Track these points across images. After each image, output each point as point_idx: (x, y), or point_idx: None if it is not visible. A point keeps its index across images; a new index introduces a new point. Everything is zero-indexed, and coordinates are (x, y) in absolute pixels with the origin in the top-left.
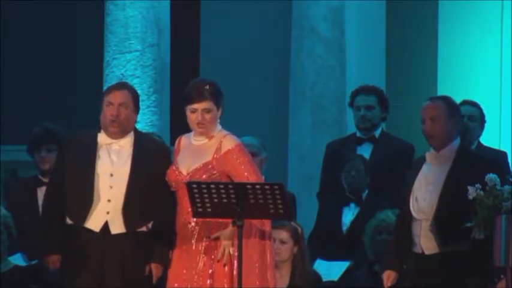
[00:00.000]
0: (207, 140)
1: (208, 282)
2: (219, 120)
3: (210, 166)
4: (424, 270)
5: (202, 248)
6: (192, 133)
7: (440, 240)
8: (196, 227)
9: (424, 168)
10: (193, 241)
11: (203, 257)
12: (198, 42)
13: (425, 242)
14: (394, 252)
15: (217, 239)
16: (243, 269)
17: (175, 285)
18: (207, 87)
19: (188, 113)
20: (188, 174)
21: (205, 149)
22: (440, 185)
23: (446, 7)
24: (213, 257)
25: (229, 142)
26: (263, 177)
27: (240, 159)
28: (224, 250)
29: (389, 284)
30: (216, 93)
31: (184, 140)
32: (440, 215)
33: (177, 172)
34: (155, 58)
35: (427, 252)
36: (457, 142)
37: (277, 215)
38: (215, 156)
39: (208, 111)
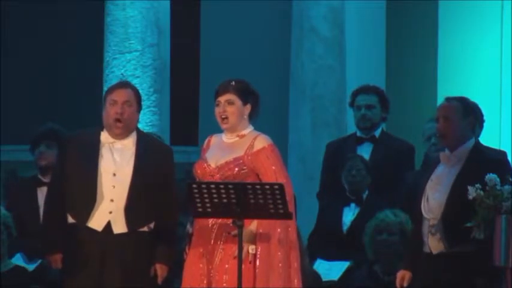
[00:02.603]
0: (238, 138)
1: (224, 277)
2: (246, 117)
3: (241, 161)
4: (431, 269)
5: (221, 243)
6: (223, 133)
7: (447, 240)
8: (216, 223)
9: (438, 168)
10: (212, 236)
11: (221, 252)
12: (198, 42)
13: (433, 242)
14: (409, 251)
15: (237, 236)
16: (264, 268)
17: (191, 281)
18: (233, 82)
19: (215, 108)
20: (217, 167)
21: (237, 146)
22: (449, 185)
23: (446, 7)
24: (230, 253)
25: (262, 141)
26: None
27: (271, 159)
28: (245, 249)
29: (405, 285)
30: (241, 89)
31: (214, 139)
32: (447, 214)
33: (205, 165)
34: (155, 58)
35: (434, 252)
36: (471, 143)
37: (277, 215)
38: (247, 152)
39: (230, 102)
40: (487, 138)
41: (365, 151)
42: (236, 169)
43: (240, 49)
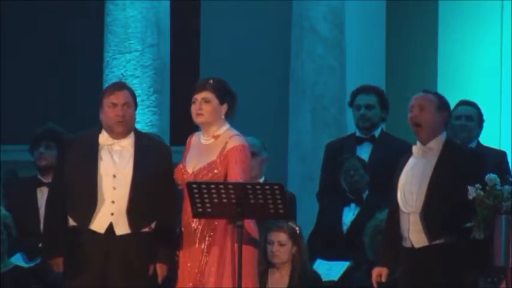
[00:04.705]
0: (213, 140)
1: (210, 280)
2: (223, 117)
3: (213, 165)
4: (414, 263)
5: (205, 246)
6: (201, 133)
7: (429, 233)
8: (199, 226)
9: (411, 162)
10: (196, 239)
11: (206, 255)
12: (198, 42)
13: (415, 236)
14: (384, 248)
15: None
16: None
17: (184, 282)
18: (211, 81)
19: (191, 106)
20: (193, 173)
21: (212, 148)
22: (427, 178)
23: (446, 7)
24: (214, 256)
25: (235, 142)
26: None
27: (237, 157)
28: None
29: (383, 280)
30: (219, 88)
31: (194, 139)
32: (428, 208)
33: (183, 171)
34: (155, 58)
35: (416, 246)
36: (443, 136)
37: (277, 215)
38: (219, 155)
39: (207, 101)
40: (487, 138)
41: (365, 151)
42: (210, 175)
43: (240, 49)
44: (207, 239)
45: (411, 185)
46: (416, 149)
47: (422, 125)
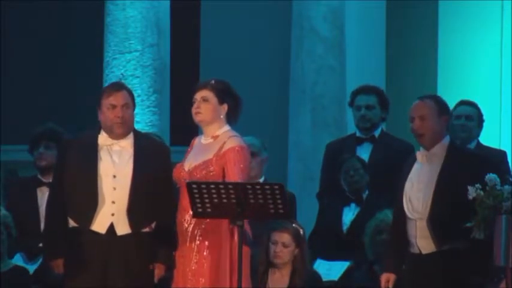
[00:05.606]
0: (212, 140)
1: (201, 280)
2: (222, 117)
3: (209, 163)
4: (422, 270)
5: (195, 246)
6: (203, 134)
7: (437, 239)
8: (190, 226)
9: (415, 168)
10: (187, 239)
11: (196, 255)
12: (198, 42)
13: (422, 242)
14: (391, 253)
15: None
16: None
17: (177, 284)
18: (212, 81)
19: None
20: (188, 171)
21: (209, 148)
22: (432, 183)
23: (446, 7)
24: (205, 254)
25: (233, 142)
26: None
27: (235, 159)
28: None
29: (390, 286)
30: (219, 88)
31: (196, 140)
32: (435, 214)
33: (180, 169)
34: (155, 58)
35: (424, 252)
36: (446, 140)
37: (277, 215)
38: (216, 154)
39: (205, 99)
40: (487, 138)
41: (365, 151)
42: (203, 172)
43: (240, 49)
44: (197, 238)
45: (417, 191)
46: (420, 154)
47: (425, 134)
